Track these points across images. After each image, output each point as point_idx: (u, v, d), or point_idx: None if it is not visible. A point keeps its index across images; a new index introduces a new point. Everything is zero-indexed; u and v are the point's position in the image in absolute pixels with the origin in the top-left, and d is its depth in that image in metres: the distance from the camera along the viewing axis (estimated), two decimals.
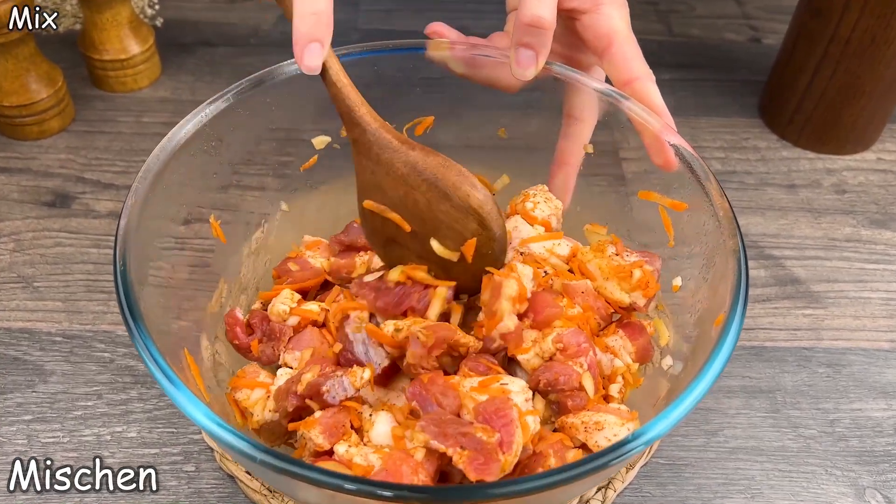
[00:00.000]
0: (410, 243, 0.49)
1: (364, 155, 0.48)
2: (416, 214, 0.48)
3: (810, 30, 0.74)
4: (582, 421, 0.45)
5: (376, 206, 0.49)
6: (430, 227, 0.48)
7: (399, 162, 0.47)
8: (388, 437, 0.44)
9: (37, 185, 0.73)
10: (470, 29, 0.88)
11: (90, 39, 0.79)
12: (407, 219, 0.48)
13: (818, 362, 0.63)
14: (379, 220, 0.49)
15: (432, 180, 0.47)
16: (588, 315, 0.49)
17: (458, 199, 0.47)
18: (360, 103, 0.48)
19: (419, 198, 0.47)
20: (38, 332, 0.61)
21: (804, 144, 0.80)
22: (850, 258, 0.70)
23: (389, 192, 0.48)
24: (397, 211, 0.48)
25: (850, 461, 0.57)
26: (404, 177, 0.47)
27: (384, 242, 0.50)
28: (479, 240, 0.48)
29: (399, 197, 0.48)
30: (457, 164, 0.48)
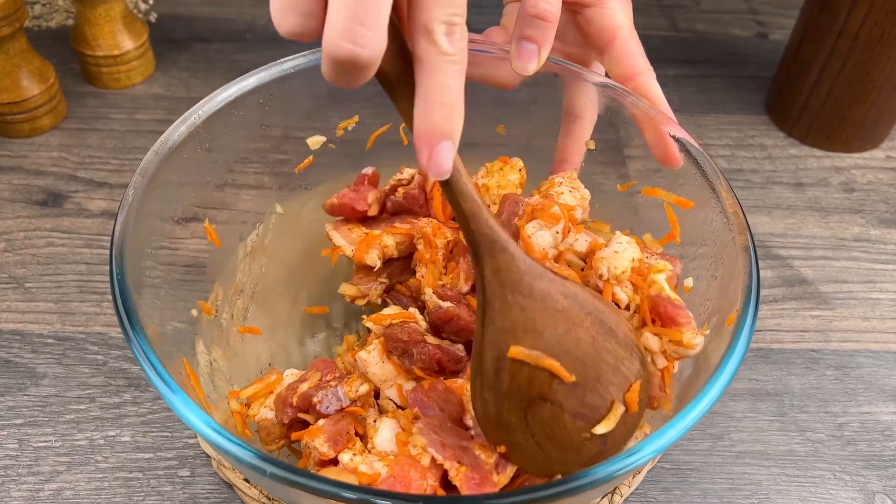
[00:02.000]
0: (566, 398, 0.40)
1: (511, 288, 0.39)
2: (579, 358, 0.39)
3: (818, 25, 0.74)
4: None
5: (528, 354, 0.39)
6: (593, 372, 0.39)
7: (558, 293, 0.40)
8: (393, 443, 0.43)
9: (28, 183, 0.72)
10: (470, 25, 0.88)
11: (83, 35, 0.78)
12: (566, 365, 0.39)
13: (826, 365, 0.62)
14: (525, 375, 0.39)
15: (596, 313, 0.40)
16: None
17: (622, 334, 0.40)
18: (499, 225, 0.39)
19: (583, 335, 0.39)
20: (30, 333, 0.61)
21: (812, 142, 0.80)
22: (858, 258, 0.70)
23: (546, 333, 0.39)
24: (555, 356, 0.39)
25: (858, 466, 0.57)
26: (566, 311, 0.39)
27: (527, 405, 0.40)
28: (643, 382, 0.41)
29: (558, 338, 0.39)
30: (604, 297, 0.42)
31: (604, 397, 0.40)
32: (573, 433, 0.40)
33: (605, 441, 0.40)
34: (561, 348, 0.39)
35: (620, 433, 0.41)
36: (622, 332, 0.40)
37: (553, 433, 0.40)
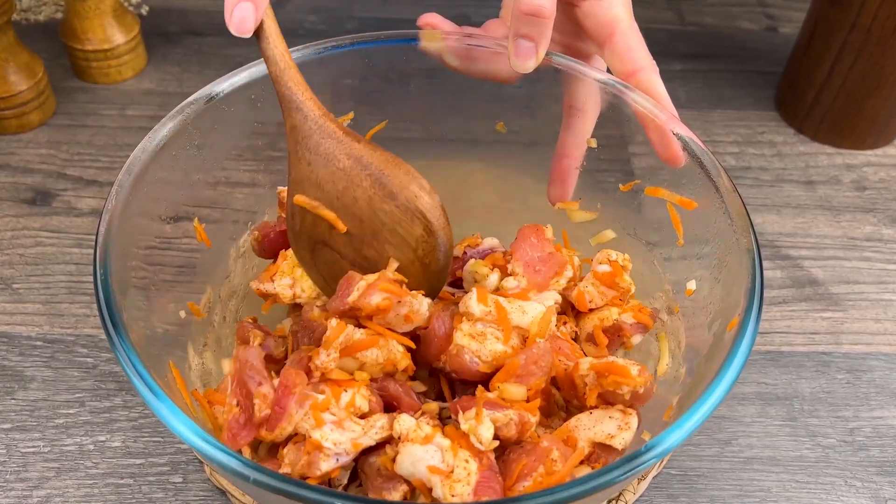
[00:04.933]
0: (344, 247, 0.47)
1: (302, 145, 0.46)
2: (355, 214, 0.46)
3: (829, 18, 0.74)
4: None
5: (308, 202, 0.46)
6: (369, 228, 0.46)
7: (342, 153, 0.45)
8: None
9: (16, 181, 0.72)
10: (471, 18, 0.89)
11: (72, 29, 0.78)
12: (343, 218, 0.46)
13: (837, 368, 0.62)
14: (310, 220, 0.47)
15: (377, 176, 0.45)
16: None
17: (403, 200, 0.46)
18: (303, 87, 0.46)
19: (360, 195, 0.46)
20: (18, 336, 0.61)
21: (822, 138, 0.80)
22: (870, 258, 0.70)
23: (326, 188, 0.46)
24: (333, 209, 0.46)
25: (870, 472, 0.57)
26: (346, 170, 0.45)
27: (312, 246, 0.48)
28: (424, 247, 0.47)
29: (337, 192, 0.46)
30: (405, 163, 0.46)
31: (379, 252, 0.47)
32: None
33: None
34: (339, 203, 0.46)
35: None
36: (403, 198, 0.46)
37: (335, 275, 0.47)
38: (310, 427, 0.42)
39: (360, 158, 0.46)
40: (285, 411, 0.43)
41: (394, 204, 0.46)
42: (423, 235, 0.46)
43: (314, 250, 0.48)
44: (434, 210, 0.47)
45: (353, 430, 0.43)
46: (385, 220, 0.46)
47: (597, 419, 0.46)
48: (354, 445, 0.43)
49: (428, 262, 0.47)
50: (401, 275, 0.46)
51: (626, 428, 0.45)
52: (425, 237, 0.46)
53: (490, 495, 0.41)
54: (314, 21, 0.91)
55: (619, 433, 0.45)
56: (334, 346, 0.44)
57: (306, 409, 0.43)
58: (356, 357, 0.45)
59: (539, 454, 0.43)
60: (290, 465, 0.43)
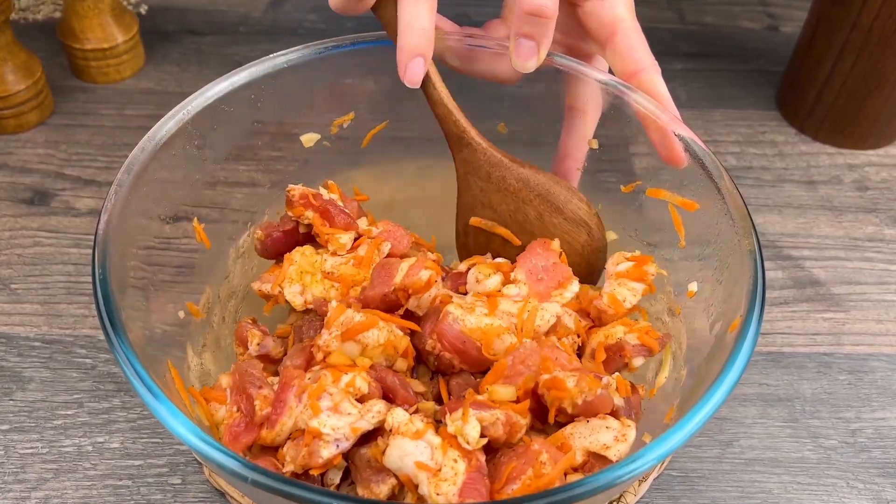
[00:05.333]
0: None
1: (473, 174, 0.53)
2: (527, 229, 0.53)
3: (831, 17, 0.74)
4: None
5: (484, 223, 0.54)
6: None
7: (511, 178, 0.53)
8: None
9: (14, 181, 0.72)
10: (471, 17, 0.89)
11: (70, 28, 0.78)
12: (516, 233, 0.54)
13: (839, 369, 0.62)
14: (483, 238, 0.55)
15: (544, 194, 0.53)
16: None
17: (569, 212, 0.53)
18: (468, 124, 0.52)
19: (530, 212, 0.53)
20: (16, 336, 0.61)
21: (824, 138, 0.80)
22: (872, 259, 0.70)
23: (499, 209, 0.53)
24: (506, 226, 0.54)
25: (872, 473, 0.57)
26: (516, 192, 0.53)
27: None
28: (588, 250, 0.54)
29: (509, 212, 0.53)
30: (563, 180, 0.54)
31: None
32: None
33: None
34: (512, 220, 0.54)
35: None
36: (569, 211, 0.53)
37: None
38: (307, 418, 0.43)
39: (528, 181, 0.53)
40: (285, 405, 0.43)
41: (562, 217, 0.53)
42: (587, 240, 0.54)
43: None
44: (593, 218, 0.54)
45: (350, 413, 0.43)
46: (554, 232, 0.53)
47: (593, 428, 0.45)
48: (353, 430, 0.43)
49: (592, 261, 0.55)
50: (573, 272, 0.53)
51: (622, 440, 0.44)
52: (589, 241, 0.54)
53: (475, 497, 0.41)
54: (314, 20, 0.91)
55: (615, 444, 0.44)
56: (336, 326, 0.45)
57: (305, 403, 0.43)
58: (357, 340, 0.46)
59: (528, 457, 0.43)
60: (292, 461, 0.43)
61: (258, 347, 0.50)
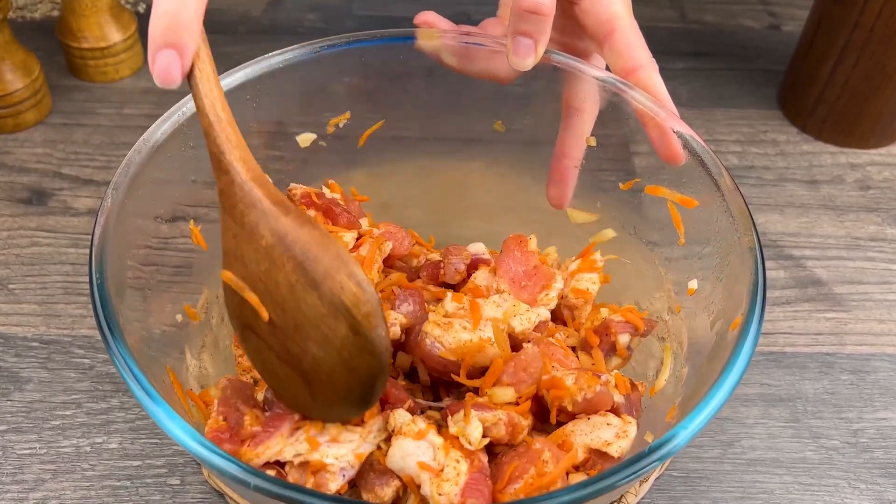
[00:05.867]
0: (269, 336, 0.41)
1: (229, 213, 0.40)
2: (278, 301, 0.40)
3: (832, 16, 0.74)
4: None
5: (234, 281, 0.41)
6: (292, 320, 0.40)
7: (265, 228, 0.39)
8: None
9: (11, 181, 0.72)
10: (471, 16, 0.89)
11: (68, 26, 0.78)
12: (267, 304, 0.40)
13: (841, 369, 0.62)
14: (237, 299, 0.41)
15: (300, 259, 0.39)
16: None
17: (327, 290, 0.39)
18: (234, 144, 0.40)
19: (282, 279, 0.39)
20: (14, 336, 0.61)
21: (826, 137, 0.80)
22: (874, 258, 0.70)
23: (250, 266, 0.40)
24: (257, 292, 0.40)
25: (875, 474, 0.57)
26: (268, 249, 0.39)
27: (241, 328, 0.43)
28: (350, 350, 0.40)
29: (260, 273, 0.40)
30: (338, 243, 0.40)
31: (304, 350, 0.40)
32: (280, 373, 0.42)
33: (315, 396, 0.42)
34: (262, 286, 0.40)
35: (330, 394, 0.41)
36: (327, 288, 0.39)
37: (264, 366, 0.43)
38: (305, 452, 0.42)
39: (285, 236, 0.39)
40: (276, 431, 0.42)
41: (316, 295, 0.39)
42: (349, 335, 0.40)
43: (243, 334, 0.43)
44: (363, 305, 0.39)
45: (352, 440, 0.43)
46: (307, 314, 0.40)
47: (594, 425, 0.45)
48: (357, 456, 0.42)
49: (355, 366, 0.41)
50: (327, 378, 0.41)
51: (623, 436, 0.45)
52: (351, 337, 0.40)
53: (477, 497, 0.41)
54: (313, 19, 0.91)
55: (616, 441, 0.44)
56: None
57: (298, 438, 0.43)
58: None
59: (530, 456, 0.43)
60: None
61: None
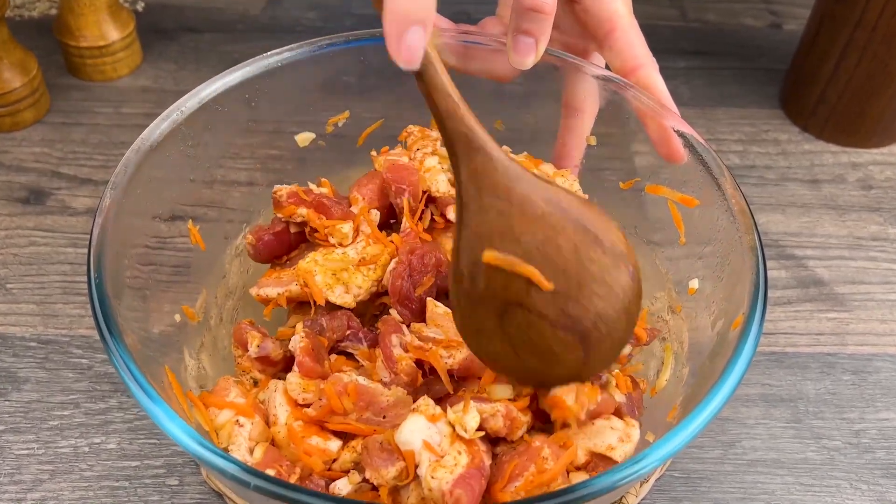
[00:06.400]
0: (546, 307, 0.40)
1: (488, 192, 0.39)
2: (559, 266, 0.39)
3: (834, 15, 0.74)
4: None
5: (503, 259, 0.39)
6: (575, 281, 0.39)
7: (538, 198, 0.39)
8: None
9: (9, 180, 0.72)
10: (471, 15, 0.89)
11: (66, 25, 0.79)
12: (545, 272, 0.39)
13: (843, 369, 0.62)
14: (500, 280, 0.40)
15: (581, 220, 0.39)
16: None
17: (609, 244, 0.40)
18: (477, 122, 0.39)
19: (564, 243, 0.39)
20: (11, 336, 0.61)
21: (828, 137, 0.80)
22: (876, 258, 0.70)
23: (524, 239, 0.39)
24: (533, 263, 0.39)
25: (876, 474, 0.57)
26: (546, 217, 0.39)
27: (502, 310, 0.41)
28: (629, 296, 0.41)
29: (537, 244, 0.39)
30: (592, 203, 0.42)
31: (587, 308, 0.40)
32: (553, 343, 0.40)
33: (588, 355, 0.41)
34: (540, 255, 0.39)
35: (605, 348, 0.41)
36: (609, 241, 0.40)
37: (531, 342, 0.41)
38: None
39: (560, 202, 0.39)
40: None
41: (601, 250, 0.40)
42: (629, 283, 0.41)
43: (505, 315, 0.41)
44: (633, 253, 0.41)
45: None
46: (593, 270, 0.40)
47: (597, 430, 0.45)
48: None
49: (633, 311, 0.41)
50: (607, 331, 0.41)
51: (626, 440, 0.45)
52: (631, 284, 0.41)
53: (466, 491, 0.41)
54: (312, 18, 0.91)
55: (620, 445, 0.45)
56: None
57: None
58: None
59: (531, 454, 0.43)
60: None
61: (258, 349, 0.50)
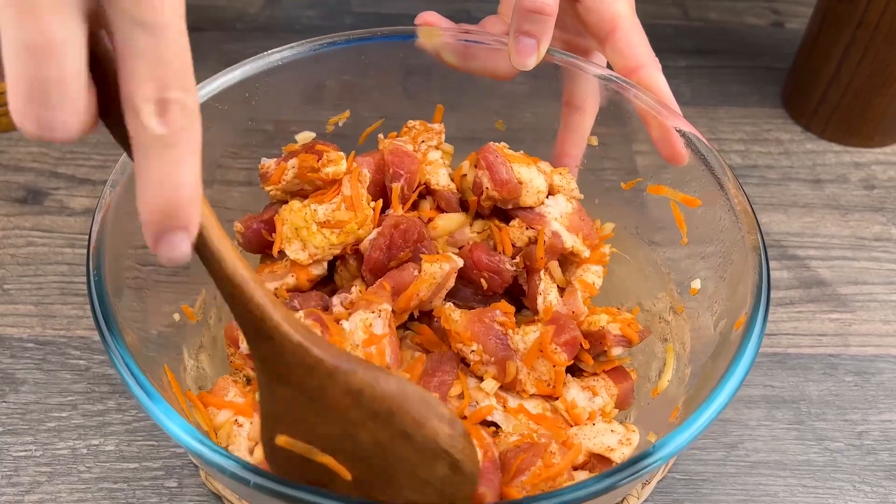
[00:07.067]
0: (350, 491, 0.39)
1: (278, 380, 0.37)
2: (361, 457, 0.38)
3: (837, 13, 0.74)
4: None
5: (298, 445, 0.38)
6: (381, 473, 0.38)
7: (336, 391, 0.36)
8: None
9: (7, 180, 0.72)
10: (471, 13, 0.89)
11: None
12: (345, 462, 0.38)
13: (845, 370, 0.62)
14: (297, 463, 0.38)
15: (386, 416, 0.37)
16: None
17: (421, 439, 0.38)
18: (273, 303, 0.36)
19: (364, 438, 0.37)
20: (9, 337, 0.61)
21: (830, 136, 0.80)
22: (879, 258, 0.70)
23: (318, 430, 0.37)
24: (330, 452, 0.38)
25: (879, 476, 0.57)
26: (342, 411, 0.37)
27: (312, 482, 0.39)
28: (451, 486, 0.39)
29: (333, 436, 0.37)
30: (416, 386, 0.38)
31: (394, 496, 0.39)
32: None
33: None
34: (338, 446, 0.37)
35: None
36: (420, 437, 0.38)
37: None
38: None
39: (361, 394, 0.37)
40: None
41: (409, 446, 0.38)
42: (449, 474, 0.39)
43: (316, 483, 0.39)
44: (457, 441, 0.39)
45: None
46: (399, 465, 0.38)
47: (599, 431, 0.47)
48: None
49: (456, 499, 0.40)
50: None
51: (626, 443, 0.46)
52: (451, 475, 0.39)
53: (489, 487, 0.42)
54: (311, 16, 0.91)
55: (619, 447, 0.46)
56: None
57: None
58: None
59: (537, 449, 0.44)
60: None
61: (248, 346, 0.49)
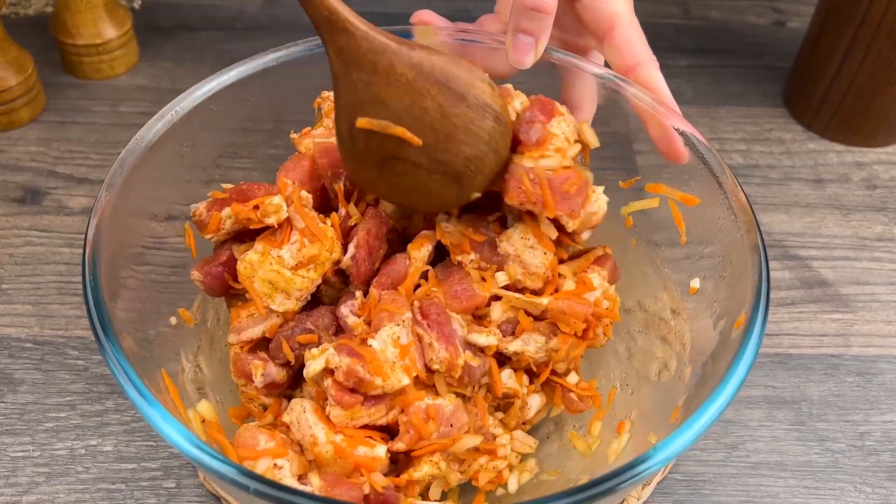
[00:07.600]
0: (418, 157, 0.47)
1: (355, 66, 0.45)
2: (426, 123, 0.46)
3: (839, 12, 0.74)
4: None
5: (376, 123, 0.46)
6: (443, 134, 0.47)
7: (402, 66, 0.45)
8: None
9: (5, 179, 0.73)
10: (470, 12, 0.89)
11: (63, 23, 0.79)
12: (414, 130, 0.46)
13: (847, 371, 0.62)
14: (375, 139, 0.46)
15: (444, 81, 0.45)
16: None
17: (473, 98, 0.46)
18: (340, 4, 0.44)
19: (429, 104, 0.45)
20: (7, 337, 0.61)
21: (832, 136, 0.80)
22: (881, 259, 0.70)
23: (391, 104, 0.45)
24: (402, 124, 0.46)
25: (881, 477, 0.57)
26: (410, 83, 0.45)
27: (380, 162, 0.48)
28: (495, 137, 0.48)
29: (404, 107, 0.45)
30: (461, 58, 0.47)
31: (456, 154, 0.47)
32: (430, 184, 0.48)
33: (462, 188, 0.48)
34: (408, 116, 0.46)
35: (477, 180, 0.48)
36: (472, 96, 0.46)
37: (412, 185, 0.49)
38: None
39: (422, 66, 0.45)
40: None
41: (465, 105, 0.46)
42: (494, 126, 0.47)
43: (383, 165, 0.48)
44: (498, 99, 0.47)
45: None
46: (458, 123, 0.46)
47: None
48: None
49: (500, 148, 0.48)
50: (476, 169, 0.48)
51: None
52: (496, 126, 0.47)
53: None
54: None
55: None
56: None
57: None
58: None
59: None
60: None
61: (263, 378, 0.49)
